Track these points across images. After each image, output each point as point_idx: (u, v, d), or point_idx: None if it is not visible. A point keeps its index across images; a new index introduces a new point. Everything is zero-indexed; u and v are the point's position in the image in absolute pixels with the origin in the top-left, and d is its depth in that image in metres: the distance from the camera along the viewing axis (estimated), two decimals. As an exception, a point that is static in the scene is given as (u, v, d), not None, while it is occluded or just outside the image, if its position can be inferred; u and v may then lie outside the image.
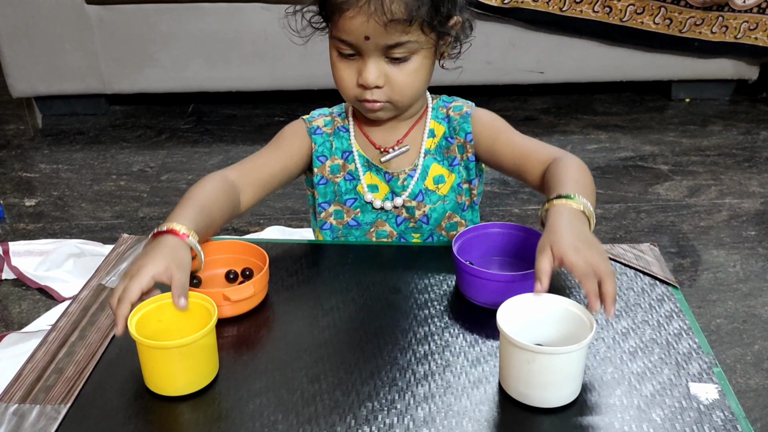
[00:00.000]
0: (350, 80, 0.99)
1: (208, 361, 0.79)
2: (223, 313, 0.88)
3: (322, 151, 1.09)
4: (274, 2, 2.47)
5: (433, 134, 1.09)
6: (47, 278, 1.71)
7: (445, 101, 1.11)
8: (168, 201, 2.14)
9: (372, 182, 1.09)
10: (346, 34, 0.94)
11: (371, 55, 0.96)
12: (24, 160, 2.43)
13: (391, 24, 0.91)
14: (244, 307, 0.90)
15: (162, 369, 0.77)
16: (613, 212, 2.07)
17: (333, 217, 1.11)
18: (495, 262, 0.99)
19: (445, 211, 1.09)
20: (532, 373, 0.74)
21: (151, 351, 0.76)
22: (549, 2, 2.48)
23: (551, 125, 2.65)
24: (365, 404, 0.77)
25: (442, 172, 1.09)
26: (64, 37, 2.53)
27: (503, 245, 0.99)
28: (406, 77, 0.97)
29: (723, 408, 0.76)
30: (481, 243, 0.98)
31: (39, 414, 0.76)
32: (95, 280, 1.00)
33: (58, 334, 0.89)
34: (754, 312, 1.65)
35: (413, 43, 0.94)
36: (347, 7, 0.92)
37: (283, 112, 2.75)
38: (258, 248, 0.96)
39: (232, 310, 0.89)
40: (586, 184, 0.95)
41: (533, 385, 0.75)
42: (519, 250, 0.98)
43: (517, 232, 0.98)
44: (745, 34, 2.57)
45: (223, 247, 0.99)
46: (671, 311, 0.92)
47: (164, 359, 0.76)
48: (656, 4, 2.49)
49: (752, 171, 2.31)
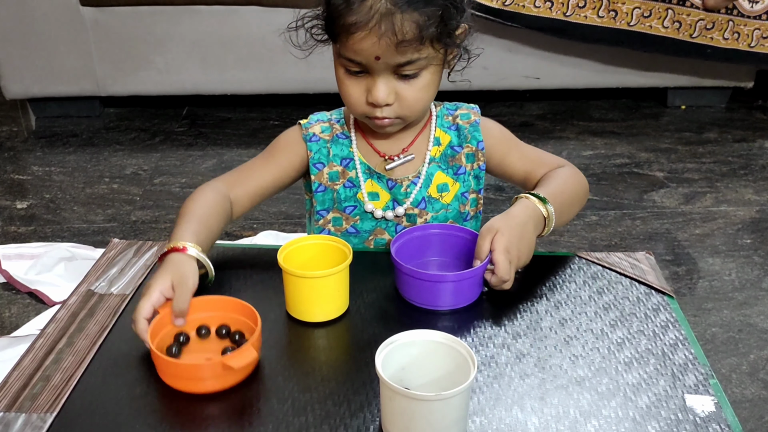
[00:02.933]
0: (359, 97, 0.97)
1: (340, 296, 0.90)
2: (224, 383, 0.79)
3: (318, 158, 1.08)
4: (270, 5, 2.46)
5: (439, 142, 1.08)
6: (38, 282, 1.70)
7: (449, 109, 1.10)
8: (161, 204, 2.13)
9: (373, 190, 1.07)
10: (356, 54, 0.92)
11: (381, 74, 0.94)
12: (16, 162, 2.41)
13: (403, 44, 0.89)
14: (243, 374, 0.80)
15: (303, 296, 0.89)
16: (609, 219, 2.06)
17: (331, 224, 1.10)
18: (433, 264, 0.99)
19: (446, 219, 1.09)
20: (413, 419, 0.69)
21: (295, 280, 0.87)
22: (552, 8, 2.42)
23: (547, 131, 2.64)
24: (357, 414, 0.76)
25: (446, 180, 1.08)
26: (58, 38, 2.51)
27: (442, 246, 0.99)
28: (416, 93, 0.96)
29: (719, 421, 0.75)
30: (420, 244, 0.99)
31: (24, 423, 0.75)
32: (84, 286, 0.98)
33: (45, 340, 0.88)
34: (750, 321, 1.64)
35: (423, 59, 0.93)
36: (357, 29, 0.89)
37: (278, 116, 2.74)
38: (247, 305, 0.86)
39: (234, 378, 0.79)
40: (569, 195, 1.02)
41: (413, 430, 0.70)
42: (458, 251, 0.98)
43: (457, 233, 0.99)
44: (759, 42, 2.53)
45: (205, 303, 0.87)
46: (667, 321, 0.91)
47: (305, 288, 0.88)
48: (663, 6, 2.43)
49: (748, 179, 2.31)
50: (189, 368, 0.79)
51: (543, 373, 0.82)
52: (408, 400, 0.69)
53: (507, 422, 0.75)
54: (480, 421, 0.75)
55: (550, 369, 0.82)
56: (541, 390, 0.79)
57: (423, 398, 0.68)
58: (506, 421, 0.75)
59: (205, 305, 0.87)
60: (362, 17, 0.88)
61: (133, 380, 0.81)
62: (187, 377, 0.78)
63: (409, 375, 0.75)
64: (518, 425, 0.75)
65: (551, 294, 0.96)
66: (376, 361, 0.71)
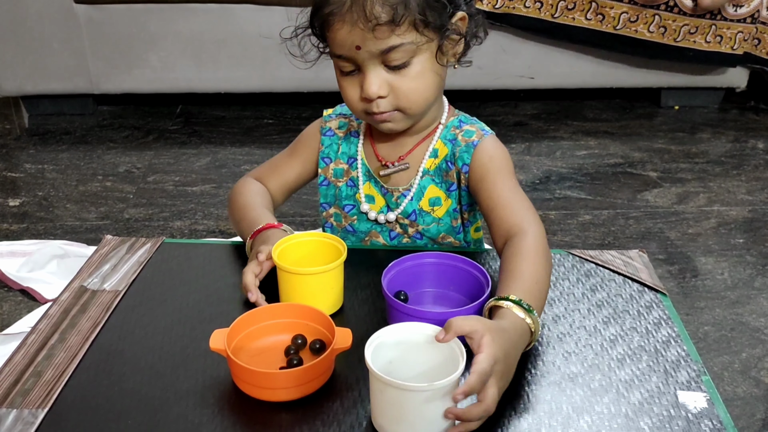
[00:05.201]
0: (354, 95, 0.97)
1: (334, 292, 0.90)
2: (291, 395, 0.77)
3: (327, 152, 1.09)
4: (264, 4, 2.46)
5: (436, 154, 1.04)
6: (30, 279, 1.69)
7: (461, 122, 1.05)
8: (154, 202, 2.12)
9: (370, 193, 1.08)
10: (338, 47, 0.93)
11: (369, 66, 0.93)
12: (9, 159, 2.40)
13: (378, 28, 0.88)
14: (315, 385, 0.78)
15: (297, 293, 0.89)
16: (602, 218, 2.06)
17: (333, 218, 1.11)
18: (429, 295, 0.93)
19: (439, 232, 1.07)
20: (404, 410, 0.70)
21: (289, 276, 0.88)
22: (541, 9, 2.46)
23: (541, 131, 2.64)
24: (350, 411, 0.75)
25: (439, 194, 1.05)
26: (52, 36, 2.50)
27: (437, 275, 0.93)
28: (410, 82, 0.94)
29: (711, 417, 0.75)
30: (415, 273, 0.93)
31: (15, 419, 0.74)
32: (77, 282, 0.98)
33: (37, 336, 0.87)
34: (742, 320, 1.64)
35: (408, 44, 0.91)
36: (332, 20, 0.90)
37: (272, 115, 2.74)
38: (322, 314, 0.84)
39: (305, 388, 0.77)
40: (541, 281, 0.86)
41: (403, 421, 0.70)
42: (454, 281, 0.93)
43: (453, 263, 0.92)
44: (740, 45, 2.57)
45: (281, 310, 0.86)
46: (660, 318, 0.91)
47: (300, 284, 0.89)
48: (650, 12, 2.48)
49: (741, 179, 2.32)
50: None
51: (536, 370, 0.82)
52: (399, 392, 0.69)
53: (500, 418, 0.75)
54: (473, 417, 0.75)
55: (543, 365, 0.82)
56: (534, 386, 0.79)
57: (414, 389, 0.68)
58: (499, 418, 0.75)
59: (282, 312, 0.85)
60: (336, 7, 0.90)
61: (125, 376, 0.81)
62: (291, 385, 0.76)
63: (397, 368, 0.74)
64: (511, 421, 0.75)
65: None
66: (365, 354, 0.71)
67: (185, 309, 0.92)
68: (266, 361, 0.81)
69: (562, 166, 2.37)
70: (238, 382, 0.78)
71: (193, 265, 1.02)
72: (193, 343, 0.86)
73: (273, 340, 0.84)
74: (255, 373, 0.75)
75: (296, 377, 0.75)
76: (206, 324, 0.89)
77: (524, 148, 2.50)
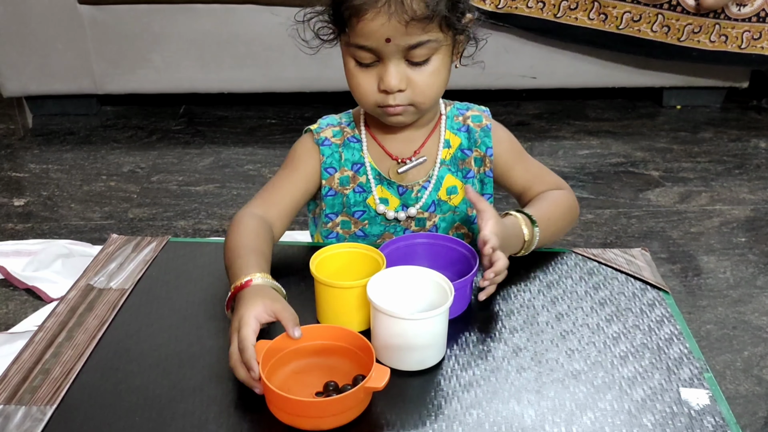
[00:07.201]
0: (370, 87, 0.96)
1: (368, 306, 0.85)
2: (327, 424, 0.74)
3: (330, 162, 1.06)
4: (267, 4, 2.46)
5: (449, 145, 1.07)
6: (35, 278, 1.70)
7: (459, 109, 1.09)
8: (158, 202, 2.13)
9: (383, 196, 1.07)
10: (366, 38, 0.91)
11: (392, 59, 0.93)
12: (14, 159, 2.41)
13: (413, 23, 0.88)
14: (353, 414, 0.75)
15: (332, 305, 0.88)
16: (604, 218, 2.07)
17: (340, 227, 1.09)
18: None
19: (454, 221, 1.09)
20: (405, 337, 0.80)
21: (325, 288, 0.87)
22: (543, 9, 2.46)
23: (543, 130, 2.65)
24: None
25: (455, 183, 1.08)
26: (56, 36, 2.51)
27: (429, 256, 0.96)
28: (427, 78, 0.95)
29: (714, 414, 0.76)
30: (407, 254, 0.95)
31: (24, 415, 0.75)
32: (83, 281, 0.99)
33: (45, 334, 0.88)
34: (744, 318, 1.65)
35: (433, 42, 0.92)
36: (366, 9, 0.89)
37: (275, 115, 2.74)
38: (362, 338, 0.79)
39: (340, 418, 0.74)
40: (556, 220, 1.04)
41: (404, 348, 0.81)
42: (445, 261, 0.95)
43: (443, 243, 0.96)
44: (749, 44, 2.55)
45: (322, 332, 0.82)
46: (662, 316, 0.91)
47: (335, 297, 0.87)
48: (653, 11, 2.47)
49: (743, 178, 2.32)
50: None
51: (539, 367, 0.82)
52: (395, 320, 0.79)
53: (504, 415, 0.76)
54: (477, 414, 0.76)
55: (546, 363, 0.83)
56: (538, 383, 0.80)
57: (411, 318, 0.79)
58: (503, 414, 0.76)
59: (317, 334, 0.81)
60: None
61: (132, 373, 0.82)
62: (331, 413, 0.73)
63: (399, 303, 0.85)
64: (515, 418, 0.75)
65: (548, 290, 0.96)
66: (368, 289, 0.82)
67: (191, 307, 0.93)
68: (302, 381, 0.78)
69: (564, 166, 2.38)
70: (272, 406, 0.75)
71: (199, 263, 1.03)
72: (199, 341, 0.86)
73: (308, 362, 0.80)
74: (289, 401, 0.72)
75: (327, 406, 0.73)
76: (212, 322, 0.89)
77: (527, 147, 2.46)
